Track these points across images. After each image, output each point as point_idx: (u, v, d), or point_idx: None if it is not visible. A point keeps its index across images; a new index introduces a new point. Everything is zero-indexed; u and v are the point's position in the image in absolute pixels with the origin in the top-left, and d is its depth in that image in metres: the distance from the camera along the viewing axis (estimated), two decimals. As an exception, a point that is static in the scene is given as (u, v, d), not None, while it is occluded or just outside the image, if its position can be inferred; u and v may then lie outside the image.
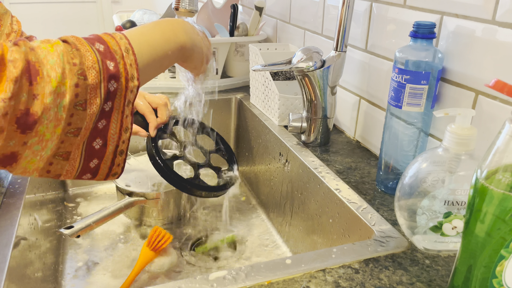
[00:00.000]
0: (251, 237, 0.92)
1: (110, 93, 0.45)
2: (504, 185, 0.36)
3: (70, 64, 0.41)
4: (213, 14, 1.28)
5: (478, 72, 0.58)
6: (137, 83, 0.47)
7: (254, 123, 1.03)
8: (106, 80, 0.44)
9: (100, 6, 3.30)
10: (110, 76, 0.44)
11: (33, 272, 0.62)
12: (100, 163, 0.49)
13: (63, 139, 0.43)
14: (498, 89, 0.36)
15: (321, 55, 0.77)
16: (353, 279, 0.49)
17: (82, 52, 0.43)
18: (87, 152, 0.47)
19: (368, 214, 0.61)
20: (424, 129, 0.64)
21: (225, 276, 0.48)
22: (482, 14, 0.56)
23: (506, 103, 0.54)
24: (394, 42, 0.73)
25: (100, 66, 0.43)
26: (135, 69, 0.47)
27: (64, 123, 0.42)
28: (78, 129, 0.43)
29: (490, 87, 0.36)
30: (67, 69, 0.41)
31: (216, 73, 1.19)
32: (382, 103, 0.78)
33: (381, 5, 0.75)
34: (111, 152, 0.49)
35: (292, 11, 1.11)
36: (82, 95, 0.42)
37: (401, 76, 0.61)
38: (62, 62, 0.40)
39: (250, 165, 1.09)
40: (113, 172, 0.51)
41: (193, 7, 0.67)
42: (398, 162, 0.66)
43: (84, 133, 0.45)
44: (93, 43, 0.44)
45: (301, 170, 0.79)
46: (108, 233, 0.91)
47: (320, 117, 0.82)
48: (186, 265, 0.83)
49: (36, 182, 0.77)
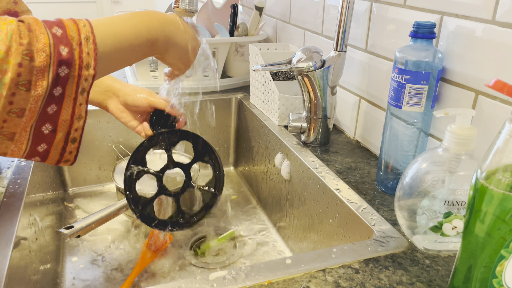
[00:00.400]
0: (251, 237, 0.92)
1: (60, 78, 0.44)
2: (504, 185, 0.36)
3: (16, 43, 0.41)
4: (213, 14, 1.28)
5: (478, 72, 0.58)
6: (92, 72, 0.47)
7: (254, 123, 1.03)
8: (55, 65, 0.44)
9: (100, 6, 3.30)
10: (60, 61, 0.44)
11: (33, 272, 0.62)
12: (49, 148, 0.48)
13: (5, 118, 0.43)
14: (498, 89, 0.36)
15: (321, 55, 0.77)
16: (353, 279, 0.49)
17: (35, 34, 0.43)
18: (35, 135, 0.46)
19: (368, 214, 0.61)
20: (424, 129, 0.64)
21: (225, 276, 0.48)
22: (482, 14, 0.56)
23: (506, 103, 0.54)
24: (394, 42, 0.73)
25: (52, 50, 0.43)
26: (93, 58, 0.46)
27: (4, 101, 0.42)
28: (21, 110, 0.43)
29: (490, 87, 0.36)
30: (13, 48, 0.41)
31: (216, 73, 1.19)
32: (382, 103, 0.78)
33: (381, 5, 0.75)
34: (61, 138, 0.48)
35: (292, 11, 1.11)
36: (25, 76, 0.42)
37: (401, 76, 0.61)
38: (8, 40, 0.41)
39: (250, 165, 1.09)
40: (64, 159, 0.51)
41: (193, 7, 0.67)
42: (398, 162, 0.66)
43: (30, 116, 0.44)
44: (51, 27, 0.44)
45: (301, 170, 0.79)
46: (108, 233, 0.91)
47: (320, 117, 0.82)
48: (186, 265, 0.83)
49: (36, 182, 0.77)
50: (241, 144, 1.14)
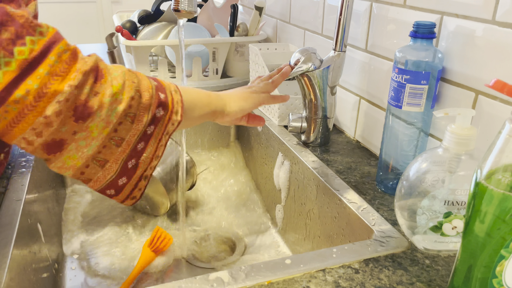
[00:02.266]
0: (250, 237, 0.92)
1: (155, 118, 0.50)
2: (504, 185, 0.36)
3: (129, 81, 0.47)
4: (213, 14, 1.28)
5: (478, 72, 0.58)
6: (179, 119, 0.52)
7: (254, 123, 1.03)
8: (155, 105, 0.49)
9: (100, 6, 3.30)
10: (159, 103, 0.50)
11: (33, 272, 0.62)
12: (127, 183, 0.51)
13: (105, 144, 0.47)
14: (498, 89, 0.36)
15: (318, 55, 0.77)
16: (353, 279, 0.49)
17: (140, 77, 0.49)
18: (122, 168, 0.50)
19: (368, 214, 0.61)
20: (424, 129, 0.64)
21: (225, 276, 0.48)
22: (482, 14, 0.56)
23: (506, 103, 0.54)
24: (394, 42, 0.73)
25: (153, 92, 0.49)
26: (181, 106, 0.53)
27: (111, 127, 0.46)
28: (121, 139, 0.48)
29: (490, 87, 0.36)
30: (127, 83, 0.47)
31: (216, 73, 1.19)
32: (382, 103, 0.78)
33: (381, 5, 0.75)
34: (139, 174, 0.52)
35: (292, 11, 1.11)
36: (133, 109, 0.47)
37: (401, 76, 0.61)
38: (123, 77, 0.47)
39: (250, 165, 1.09)
40: (133, 195, 0.53)
41: (192, 8, 0.67)
42: (398, 162, 0.66)
43: (125, 147, 0.48)
44: (149, 77, 0.51)
45: (301, 170, 0.79)
46: (108, 232, 0.91)
47: (320, 117, 0.82)
48: (186, 265, 0.83)
49: (36, 181, 0.77)
50: (241, 144, 1.14)
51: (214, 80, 1.18)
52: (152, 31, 1.27)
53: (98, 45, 1.75)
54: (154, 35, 1.26)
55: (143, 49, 1.12)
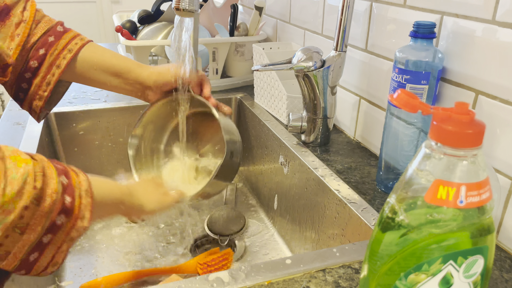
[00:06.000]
0: (250, 237, 0.92)
1: (54, 226, 0.44)
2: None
3: (30, 186, 0.41)
4: (213, 14, 1.28)
5: (478, 72, 0.58)
6: (86, 225, 0.47)
7: (254, 123, 1.03)
8: (57, 211, 0.43)
9: (100, 6, 3.30)
10: (62, 209, 0.44)
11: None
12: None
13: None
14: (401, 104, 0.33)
15: (321, 55, 0.77)
16: (353, 279, 0.49)
17: (47, 179, 0.43)
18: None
19: (368, 214, 0.61)
20: (424, 129, 0.64)
21: (225, 276, 0.48)
22: (482, 14, 0.56)
23: (506, 103, 0.54)
24: (394, 42, 0.73)
25: (58, 197, 0.43)
26: (89, 210, 0.47)
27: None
28: (7, 253, 0.42)
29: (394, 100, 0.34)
30: (27, 189, 0.40)
31: (216, 73, 1.19)
32: (382, 103, 0.78)
33: (381, 5, 0.75)
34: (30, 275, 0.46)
35: (292, 11, 1.11)
36: (26, 219, 0.41)
37: (401, 76, 0.61)
38: (23, 180, 0.40)
39: (250, 165, 1.09)
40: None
41: (193, 7, 0.67)
42: (398, 162, 0.66)
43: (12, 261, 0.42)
44: (60, 174, 0.45)
45: (301, 170, 0.79)
46: (108, 232, 0.91)
47: (320, 117, 0.82)
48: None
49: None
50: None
51: (214, 80, 1.18)
52: (152, 31, 1.27)
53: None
54: (154, 35, 1.26)
55: (143, 49, 1.12)
